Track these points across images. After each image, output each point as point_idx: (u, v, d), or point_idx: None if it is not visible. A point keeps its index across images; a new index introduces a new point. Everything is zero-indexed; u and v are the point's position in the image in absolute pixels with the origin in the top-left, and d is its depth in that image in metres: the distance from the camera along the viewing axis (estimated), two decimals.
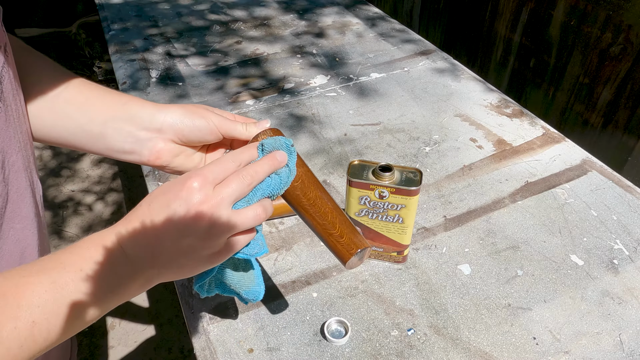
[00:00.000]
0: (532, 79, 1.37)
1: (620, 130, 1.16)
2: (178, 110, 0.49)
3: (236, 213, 0.40)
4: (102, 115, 0.49)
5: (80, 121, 0.49)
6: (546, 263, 0.69)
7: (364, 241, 0.47)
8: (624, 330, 0.61)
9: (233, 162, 0.42)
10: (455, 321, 0.62)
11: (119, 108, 0.49)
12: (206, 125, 0.48)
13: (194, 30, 1.35)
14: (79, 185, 2.21)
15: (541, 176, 0.84)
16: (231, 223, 0.40)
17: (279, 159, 0.44)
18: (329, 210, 0.47)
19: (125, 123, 0.49)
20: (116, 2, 1.53)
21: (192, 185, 0.39)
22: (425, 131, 0.96)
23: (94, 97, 0.50)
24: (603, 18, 1.12)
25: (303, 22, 1.39)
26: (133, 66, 1.18)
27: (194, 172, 0.40)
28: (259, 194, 0.42)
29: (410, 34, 1.31)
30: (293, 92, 1.08)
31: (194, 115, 0.49)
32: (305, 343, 0.60)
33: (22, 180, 0.44)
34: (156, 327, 1.65)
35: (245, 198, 0.42)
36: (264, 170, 0.43)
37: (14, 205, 0.43)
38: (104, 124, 0.49)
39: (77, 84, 0.50)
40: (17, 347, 0.33)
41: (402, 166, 0.62)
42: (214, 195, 0.39)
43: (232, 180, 0.40)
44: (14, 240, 0.44)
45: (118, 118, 0.49)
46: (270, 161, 0.43)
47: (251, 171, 0.42)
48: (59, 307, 0.35)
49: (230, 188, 0.40)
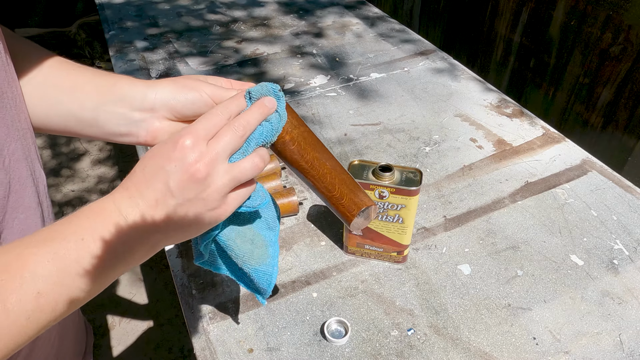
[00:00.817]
0: (532, 79, 1.38)
1: (620, 131, 1.16)
2: (169, 86, 0.48)
3: (234, 166, 0.40)
4: (93, 99, 0.48)
5: (72, 108, 0.48)
6: (546, 263, 0.69)
7: (366, 200, 0.46)
8: (624, 330, 0.61)
9: (222, 115, 0.41)
10: (455, 321, 0.62)
11: (109, 90, 0.48)
12: (199, 97, 0.47)
13: (194, 30, 1.35)
14: (79, 185, 2.21)
15: (541, 176, 0.84)
16: (230, 177, 0.39)
17: (268, 105, 0.43)
18: (327, 172, 0.46)
19: (117, 106, 0.48)
20: (116, 2, 1.53)
21: (185, 144, 0.38)
22: (425, 131, 0.96)
23: (82, 81, 0.49)
24: (603, 18, 1.12)
25: (303, 22, 1.39)
26: (133, 66, 1.18)
27: (184, 130, 0.39)
28: (252, 144, 0.42)
29: (410, 34, 1.31)
30: (293, 92, 1.08)
31: (185, 89, 0.47)
32: (305, 343, 0.60)
33: (23, 170, 0.43)
34: (156, 327, 1.65)
35: (240, 150, 0.41)
36: (255, 118, 0.42)
37: (16, 195, 0.43)
38: (96, 109, 0.48)
39: (63, 67, 0.49)
40: (24, 319, 0.33)
41: (402, 166, 0.62)
42: (208, 151, 0.38)
43: (225, 133, 0.40)
44: (19, 230, 0.43)
45: (109, 101, 0.48)
46: (260, 108, 0.42)
47: (243, 122, 0.41)
48: (63, 277, 0.34)
49: (224, 141, 0.39)
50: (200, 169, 0.38)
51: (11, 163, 0.41)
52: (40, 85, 0.48)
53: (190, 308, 0.64)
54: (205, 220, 0.40)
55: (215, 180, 0.39)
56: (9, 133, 0.41)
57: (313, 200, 0.80)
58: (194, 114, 0.48)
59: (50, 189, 2.18)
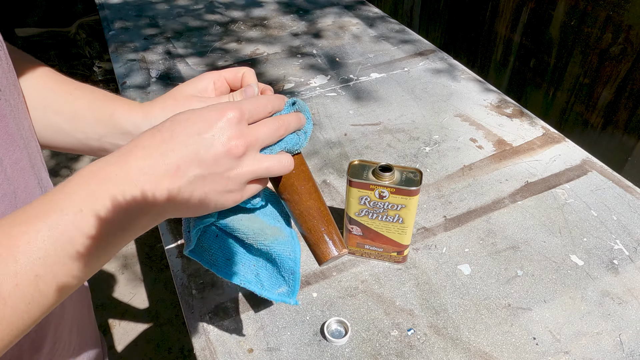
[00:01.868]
0: (532, 79, 1.38)
1: (620, 131, 1.16)
2: (160, 114, 0.48)
3: (264, 158, 0.39)
4: (95, 131, 0.49)
5: (77, 136, 0.49)
6: (546, 263, 0.69)
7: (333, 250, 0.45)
8: (624, 330, 0.61)
9: (267, 106, 0.41)
10: (455, 321, 0.62)
11: (108, 120, 0.49)
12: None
13: (194, 30, 1.35)
14: None
15: (541, 176, 0.84)
16: (258, 167, 0.39)
17: (302, 120, 0.44)
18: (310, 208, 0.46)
19: (119, 138, 0.49)
20: (116, 2, 1.53)
21: (229, 116, 0.37)
22: (425, 131, 0.96)
23: (81, 107, 0.49)
24: (603, 18, 1.12)
25: (303, 22, 1.39)
26: (133, 66, 1.18)
27: (230, 103, 0.38)
28: (281, 146, 0.42)
29: (410, 34, 1.31)
30: (293, 92, 1.08)
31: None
32: (305, 343, 0.60)
33: (31, 179, 0.42)
34: (156, 327, 1.65)
35: (270, 147, 0.41)
36: (293, 125, 0.42)
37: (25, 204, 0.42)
38: (99, 140, 0.49)
39: (60, 88, 0.49)
40: (24, 305, 0.30)
41: (402, 166, 0.62)
42: (249, 133, 0.38)
43: (269, 124, 0.39)
44: None
45: (110, 134, 0.49)
46: (298, 119, 0.43)
47: (286, 122, 0.41)
48: (63, 256, 0.31)
49: (265, 131, 0.39)
50: (239, 146, 0.37)
51: (14, 172, 0.39)
52: (42, 111, 0.48)
53: (190, 308, 0.64)
54: (218, 201, 0.38)
55: (246, 164, 0.38)
56: (12, 141, 0.40)
57: None
58: None
59: None
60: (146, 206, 0.35)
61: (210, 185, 0.37)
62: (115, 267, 1.86)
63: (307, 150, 0.91)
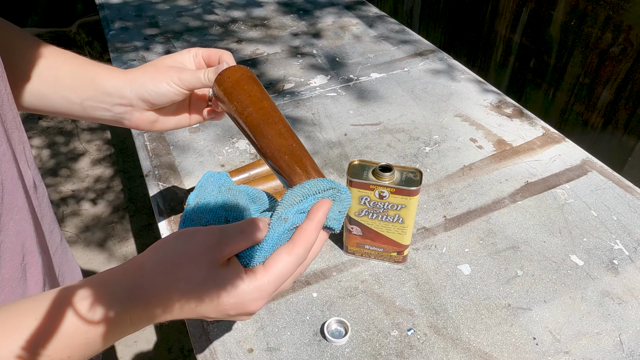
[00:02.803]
0: (532, 79, 1.38)
1: (620, 131, 1.16)
2: (141, 78, 0.50)
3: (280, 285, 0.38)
4: (76, 95, 0.51)
5: (60, 101, 0.51)
6: (546, 263, 0.69)
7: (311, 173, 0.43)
8: (624, 330, 0.61)
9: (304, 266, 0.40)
10: (455, 321, 0.62)
11: (89, 85, 0.51)
12: (169, 89, 0.49)
13: (194, 30, 1.35)
14: (78, 185, 2.21)
15: (541, 176, 0.84)
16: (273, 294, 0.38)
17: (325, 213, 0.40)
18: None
19: (99, 101, 0.51)
20: (116, 2, 1.53)
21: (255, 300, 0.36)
22: (425, 131, 0.96)
23: (64, 74, 0.51)
24: (603, 18, 1.12)
25: (303, 22, 1.39)
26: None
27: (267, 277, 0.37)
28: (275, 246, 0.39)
29: (410, 34, 1.31)
30: (293, 92, 1.08)
31: (156, 80, 0.49)
32: (305, 343, 0.60)
33: (14, 170, 0.44)
34: (156, 327, 1.65)
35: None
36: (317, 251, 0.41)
37: (10, 196, 0.43)
38: (81, 104, 0.51)
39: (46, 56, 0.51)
40: None
41: (402, 166, 0.62)
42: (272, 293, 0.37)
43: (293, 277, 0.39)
44: (15, 232, 0.43)
45: (92, 97, 0.51)
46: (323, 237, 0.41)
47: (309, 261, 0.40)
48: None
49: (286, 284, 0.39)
50: (257, 306, 0.37)
51: (2, 164, 0.41)
52: (26, 78, 0.50)
53: None
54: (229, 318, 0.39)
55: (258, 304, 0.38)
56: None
57: None
58: (167, 102, 0.51)
59: (49, 189, 2.17)
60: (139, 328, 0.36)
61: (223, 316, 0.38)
62: None
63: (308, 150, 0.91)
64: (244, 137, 0.94)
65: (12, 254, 0.43)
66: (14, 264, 0.44)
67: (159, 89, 0.49)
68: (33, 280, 0.46)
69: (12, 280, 0.43)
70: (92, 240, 1.94)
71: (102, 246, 1.92)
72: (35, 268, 0.47)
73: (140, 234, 1.97)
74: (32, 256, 0.47)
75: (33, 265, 0.47)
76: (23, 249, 0.45)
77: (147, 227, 1.99)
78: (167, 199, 0.81)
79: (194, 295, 0.35)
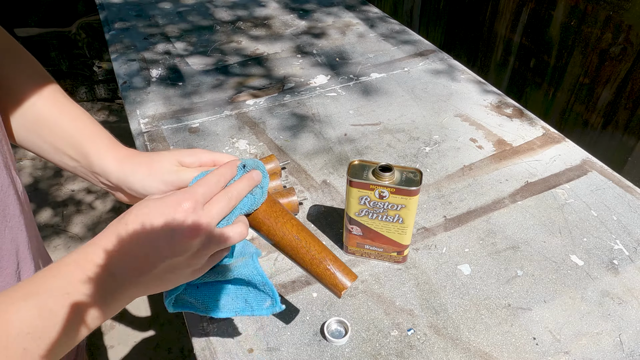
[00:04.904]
0: (532, 79, 1.38)
1: (620, 131, 1.16)
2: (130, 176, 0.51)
3: (223, 233, 0.42)
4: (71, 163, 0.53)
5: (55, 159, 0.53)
6: (546, 263, 0.69)
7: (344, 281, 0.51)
8: (624, 330, 0.61)
9: (219, 182, 0.44)
10: (455, 321, 0.62)
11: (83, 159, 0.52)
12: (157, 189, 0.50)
13: (194, 30, 1.35)
14: (79, 185, 2.21)
15: (541, 176, 0.84)
16: (218, 242, 0.42)
17: (256, 178, 0.47)
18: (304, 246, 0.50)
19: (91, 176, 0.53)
20: (116, 2, 1.53)
21: (185, 207, 0.40)
22: (425, 131, 0.96)
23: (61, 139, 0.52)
24: (603, 18, 1.12)
25: (303, 22, 1.39)
26: (133, 66, 1.18)
27: (183, 192, 0.42)
28: (237, 212, 0.45)
29: (410, 34, 1.31)
30: (293, 92, 1.08)
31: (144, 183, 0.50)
32: (305, 343, 0.60)
33: (5, 178, 0.44)
34: (156, 327, 1.65)
35: (226, 217, 0.44)
36: (245, 190, 0.46)
37: (3, 204, 0.43)
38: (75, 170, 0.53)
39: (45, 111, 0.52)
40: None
41: (402, 166, 0.62)
42: (205, 215, 0.41)
43: (220, 200, 0.43)
44: (9, 239, 0.44)
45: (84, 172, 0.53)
46: (250, 181, 0.46)
47: (235, 192, 0.44)
48: (49, 332, 0.35)
49: (218, 207, 0.42)
50: (196, 232, 0.40)
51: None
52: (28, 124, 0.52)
53: None
54: (186, 278, 0.43)
55: (206, 244, 0.41)
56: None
57: (313, 200, 0.80)
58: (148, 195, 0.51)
59: (51, 188, 2.18)
60: (120, 292, 0.40)
61: (177, 269, 0.41)
62: None
63: (308, 150, 0.91)
64: (244, 137, 0.94)
65: (8, 262, 0.44)
66: (9, 271, 0.44)
67: (147, 190, 0.50)
68: None
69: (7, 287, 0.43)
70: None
71: None
72: (29, 275, 0.48)
73: None
74: (25, 262, 0.47)
75: (27, 272, 0.47)
76: (17, 257, 0.45)
77: None
78: None
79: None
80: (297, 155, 0.90)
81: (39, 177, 2.25)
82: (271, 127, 0.97)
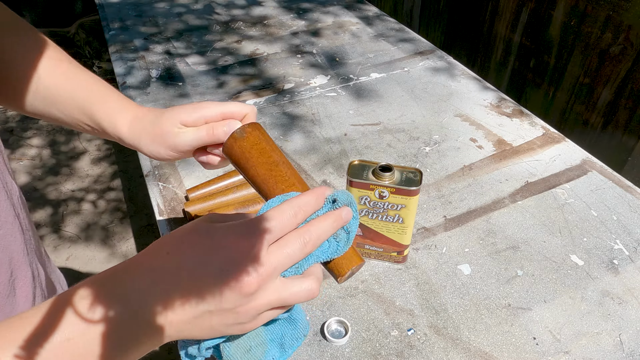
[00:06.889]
0: (532, 79, 1.37)
1: (620, 131, 1.16)
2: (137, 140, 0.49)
3: (286, 286, 0.33)
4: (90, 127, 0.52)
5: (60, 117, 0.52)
6: (546, 263, 0.69)
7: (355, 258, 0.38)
8: (624, 330, 0.61)
9: (296, 216, 0.34)
10: (455, 321, 0.62)
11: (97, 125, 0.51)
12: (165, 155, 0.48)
13: (194, 30, 1.35)
14: (78, 185, 2.21)
15: (541, 176, 0.84)
16: (277, 298, 0.32)
17: (345, 218, 0.35)
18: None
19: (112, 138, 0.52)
20: (116, 2, 1.53)
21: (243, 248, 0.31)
22: (425, 131, 0.95)
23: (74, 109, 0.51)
24: (603, 18, 1.12)
25: (303, 22, 1.39)
26: (133, 66, 1.18)
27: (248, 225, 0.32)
28: (311, 260, 0.34)
29: (410, 34, 1.31)
30: (293, 92, 1.08)
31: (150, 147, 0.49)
32: (305, 343, 0.60)
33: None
34: None
35: (296, 265, 0.34)
36: (328, 232, 0.34)
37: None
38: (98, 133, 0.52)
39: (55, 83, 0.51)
40: None
41: (402, 166, 0.62)
42: (267, 262, 0.31)
43: (291, 243, 0.33)
44: (2, 247, 0.42)
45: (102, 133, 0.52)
46: (337, 222, 0.35)
47: (314, 234, 0.34)
48: None
49: (287, 253, 0.32)
50: (252, 283, 0.31)
51: None
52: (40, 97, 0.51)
53: None
54: (226, 331, 0.33)
55: (261, 298, 0.32)
56: None
57: None
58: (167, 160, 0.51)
59: (50, 188, 2.18)
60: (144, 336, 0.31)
61: (219, 319, 0.32)
62: None
63: (308, 150, 0.91)
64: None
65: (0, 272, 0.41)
66: (1, 280, 0.42)
67: (156, 156, 0.48)
68: (22, 296, 0.44)
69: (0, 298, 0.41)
70: (92, 239, 1.94)
71: (102, 246, 1.92)
72: (24, 282, 0.45)
73: (140, 234, 1.97)
74: (20, 270, 0.45)
75: (22, 279, 0.45)
76: (11, 265, 0.43)
77: (147, 227, 1.99)
78: (167, 199, 0.81)
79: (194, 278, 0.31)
80: (297, 155, 0.90)
81: (37, 177, 2.24)
82: (271, 127, 0.97)
